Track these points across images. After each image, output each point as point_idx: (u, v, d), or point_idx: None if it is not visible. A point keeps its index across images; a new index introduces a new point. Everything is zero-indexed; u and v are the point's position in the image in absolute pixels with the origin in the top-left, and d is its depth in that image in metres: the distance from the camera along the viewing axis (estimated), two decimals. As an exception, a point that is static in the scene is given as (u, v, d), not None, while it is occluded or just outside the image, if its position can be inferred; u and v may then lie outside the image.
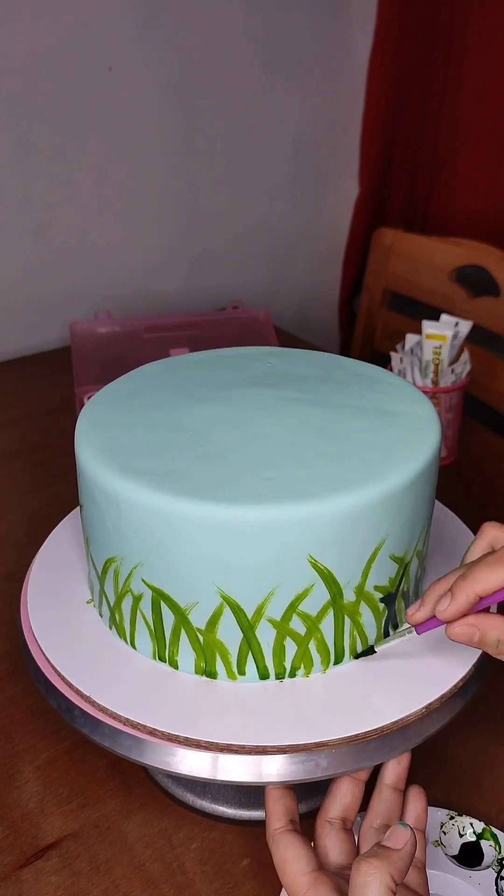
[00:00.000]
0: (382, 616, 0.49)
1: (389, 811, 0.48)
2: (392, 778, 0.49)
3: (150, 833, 0.54)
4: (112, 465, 0.47)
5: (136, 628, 0.49)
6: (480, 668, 0.50)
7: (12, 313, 1.23)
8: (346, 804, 0.48)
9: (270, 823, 0.46)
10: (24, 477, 0.92)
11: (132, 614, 0.49)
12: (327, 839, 0.47)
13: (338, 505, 0.44)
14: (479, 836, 0.52)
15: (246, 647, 0.47)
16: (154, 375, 0.58)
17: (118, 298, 1.32)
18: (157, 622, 0.48)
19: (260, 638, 0.47)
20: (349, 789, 0.48)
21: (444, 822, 0.53)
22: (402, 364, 0.90)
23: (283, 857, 0.44)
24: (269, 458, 0.47)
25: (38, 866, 0.52)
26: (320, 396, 0.54)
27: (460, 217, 1.45)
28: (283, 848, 0.45)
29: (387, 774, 0.49)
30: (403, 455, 0.48)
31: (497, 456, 0.96)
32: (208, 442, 0.49)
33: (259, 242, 1.47)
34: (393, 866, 0.40)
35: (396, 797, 0.49)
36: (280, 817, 0.46)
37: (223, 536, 0.44)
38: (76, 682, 0.48)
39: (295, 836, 0.45)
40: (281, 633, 0.46)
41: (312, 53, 1.38)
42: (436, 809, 0.53)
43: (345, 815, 0.48)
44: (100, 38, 1.15)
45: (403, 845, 0.41)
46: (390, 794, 0.48)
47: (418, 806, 0.49)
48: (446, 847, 0.52)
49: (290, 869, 0.44)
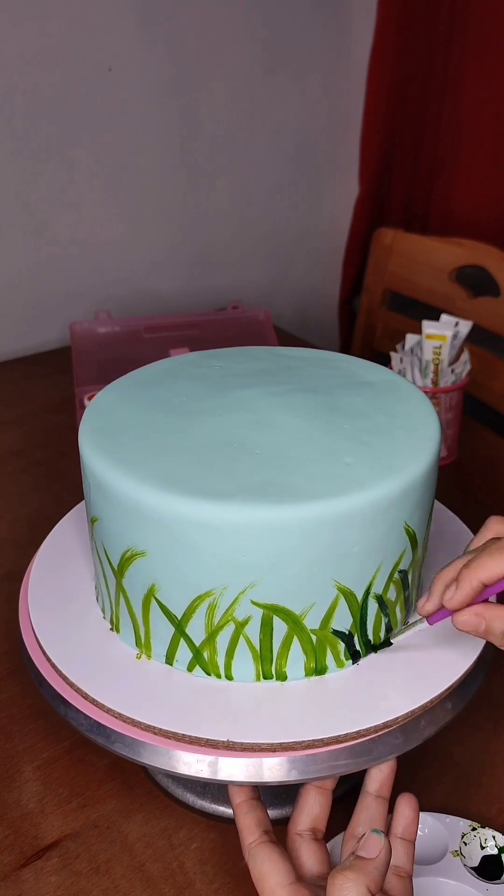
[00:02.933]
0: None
1: (372, 819, 0.47)
2: (375, 786, 0.48)
3: (150, 833, 0.54)
4: (113, 461, 0.47)
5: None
6: (476, 673, 0.50)
7: (12, 313, 1.23)
8: (314, 815, 0.47)
9: (244, 837, 0.45)
10: (24, 477, 0.92)
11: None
12: (300, 851, 0.46)
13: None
14: (501, 850, 0.52)
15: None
16: (158, 374, 0.58)
17: (118, 298, 1.32)
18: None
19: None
20: (316, 799, 0.47)
21: (466, 832, 0.53)
22: (402, 364, 0.90)
23: (260, 871, 0.44)
24: (262, 459, 0.47)
25: (38, 866, 0.52)
26: (325, 398, 0.54)
27: (460, 217, 1.45)
28: (259, 861, 0.44)
29: (370, 782, 0.48)
30: (396, 466, 0.47)
31: (497, 456, 0.96)
32: (204, 440, 0.49)
33: (259, 242, 1.47)
34: (368, 877, 0.39)
35: (380, 805, 0.48)
36: (253, 830, 0.45)
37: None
38: (76, 680, 0.48)
39: (271, 848, 0.44)
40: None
41: (312, 53, 1.38)
42: (458, 819, 0.53)
43: (314, 826, 0.47)
44: (100, 38, 1.15)
45: (377, 854, 0.40)
46: (373, 801, 0.48)
47: (409, 814, 0.48)
48: (466, 858, 0.51)
49: (268, 883, 0.43)
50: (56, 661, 0.50)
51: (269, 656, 0.47)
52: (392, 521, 0.47)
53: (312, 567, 0.45)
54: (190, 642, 0.48)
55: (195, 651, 0.48)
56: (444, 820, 0.53)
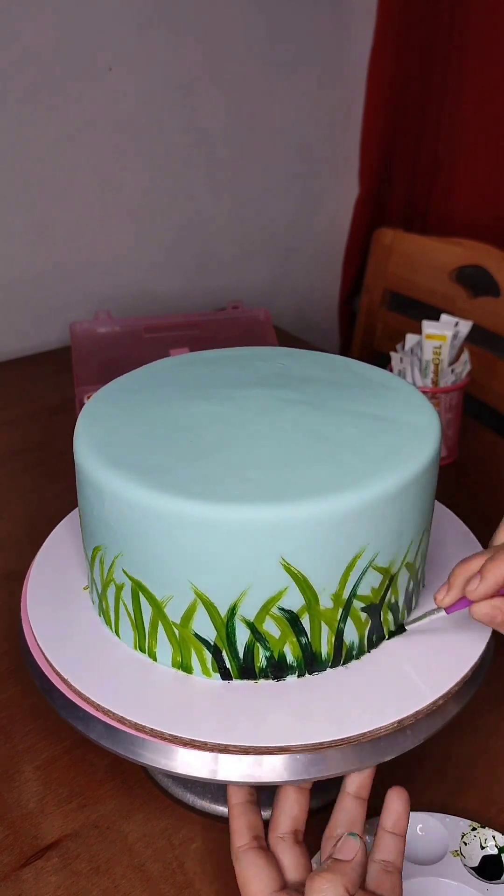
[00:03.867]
0: (365, 626, 0.49)
1: (350, 820, 0.47)
2: (353, 787, 0.48)
3: (150, 833, 0.54)
4: (101, 456, 0.48)
5: (120, 620, 0.50)
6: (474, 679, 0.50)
7: (12, 313, 1.23)
8: (294, 816, 0.47)
9: (234, 840, 0.46)
10: (24, 477, 0.92)
11: (116, 604, 0.50)
12: (282, 856, 0.46)
13: (311, 510, 0.44)
14: (502, 850, 0.52)
15: (221, 644, 0.47)
16: (158, 373, 0.58)
17: (118, 298, 1.32)
18: (137, 613, 0.48)
19: (235, 636, 0.46)
20: (295, 800, 0.47)
21: (466, 832, 0.52)
22: (402, 364, 0.90)
23: (245, 876, 0.44)
24: (255, 458, 0.47)
25: (38, 866, 0.52)
26: (321, 399, 0.53)
27: (460, 217, 1.45)
28: (244, 866, 0.44)
29: (349, 783, 0.48)
30: (390, 465, 0.47)
31: (497, 456, 0.96)
32: (199, 439, 0.49)
33: (259, 242, 1.47)
34: (346, 878, 0.40)
35: (358, 806, 0.47)
36: (243, 834, 0.46)
37: (196, 533, 0.44)
38: (76, 683, 0.48)
39: (258, 854, 0.45)
40: (254, 633, 0.46)
41: (312, 53, 1.37)
42: (458, 819, 0.53)
43: (295, 828, 0.47)
44: (100, 38, 1.15)
45: (353, 856, 0.41)
46: (352, 802, 0.47)
47: (398, 808, 0.47)
48: (466, 858, 0.51)
49: (252, 889, 0.44)
50: (55, 661, 0.50)
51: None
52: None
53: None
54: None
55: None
56: (444, 820, 0.53)
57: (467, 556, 0.47)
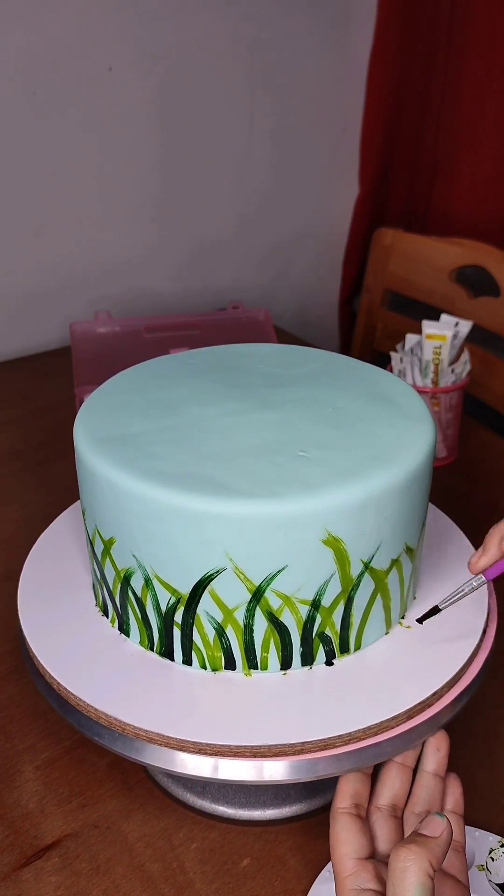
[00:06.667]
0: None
1: (431, 797, 0.49)
2: (432, 766, 0.49)
3: (150, 833, 0.54)
4: (102, 448, 0.48)
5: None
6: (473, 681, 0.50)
7: (12, 313, 1.23)
8: (395, 791, 0.48)
9: (336, 801, 0.47)
10: (24, 476, 0.92)
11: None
12: (376, 826, 0.47)
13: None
14: None
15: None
16: (160, 368, 0.59)
17: (118, 298, 1.32)
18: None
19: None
20: (398, 775, 0.49)
21: (494, 847, 0.52)
22: (402, 364, 0.90)
23: (337, 837, 0.45)
24: (249, 456, 0.47)
25: (38, 866, 0.52)
26: (319, 397, 0.54)
27: (460, 217, 1.45)
28: (339, 828, 0.46)
29: (426, 762, 0.50)
30: (383, 463, 0.47)
31: (497, 456, 0.96)
32: (193, 434, 0.49)
33: (259, 242, 1.47)
34: (431, 853, 0.40)
35: (437, 783, 0.49)
36: (346, 797, 0.47)
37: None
38: (72, 689, 0.48)
39: (353, 820, 0.46)
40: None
41: (312, 53, 1.38)
42: (487, 834, 0.52)
43: (394, 803, 0.48)
44: (100, 38, 1.15)
45: (440, 834, 0.42)
46: (431, 780, 0.49)
47: (456, 792, 0.49)
48: (492, 874, 0.51)
49: (340, 850, 0.45)
50: (50, 666, 0.50)
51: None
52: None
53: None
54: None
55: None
56: (472, 834, 0.52)
57: (501, 520, 0.48)
